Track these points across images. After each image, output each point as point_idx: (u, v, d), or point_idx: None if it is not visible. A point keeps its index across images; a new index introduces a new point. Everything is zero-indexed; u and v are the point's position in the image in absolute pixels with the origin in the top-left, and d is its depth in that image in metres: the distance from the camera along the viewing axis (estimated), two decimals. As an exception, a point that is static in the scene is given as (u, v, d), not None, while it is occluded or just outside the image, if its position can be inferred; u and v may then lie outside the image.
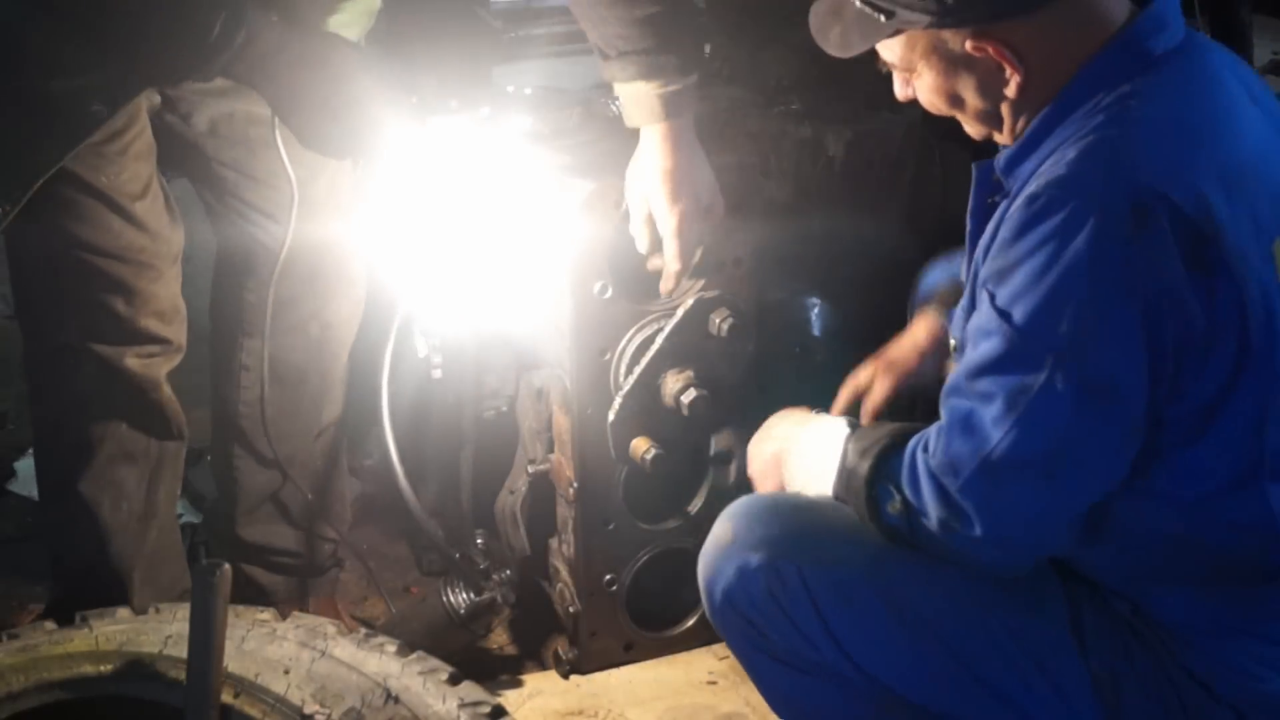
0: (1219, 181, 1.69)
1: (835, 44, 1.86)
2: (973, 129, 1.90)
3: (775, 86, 2.78)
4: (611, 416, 2.43)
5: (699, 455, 2.54)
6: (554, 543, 2.60)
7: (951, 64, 1.80)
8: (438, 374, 2.51)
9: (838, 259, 2.69)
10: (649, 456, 2.42)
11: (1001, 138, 1.88)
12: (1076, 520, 1.77)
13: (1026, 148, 1.81)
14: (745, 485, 2.19)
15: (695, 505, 2.56)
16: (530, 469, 2.54)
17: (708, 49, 2.96)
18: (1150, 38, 1.78)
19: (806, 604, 1.89)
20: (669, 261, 2.30)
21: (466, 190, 2.33)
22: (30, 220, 2.18)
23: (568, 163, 2.38)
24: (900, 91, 1.90)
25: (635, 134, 2.28)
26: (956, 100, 1.85)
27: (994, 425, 1.71)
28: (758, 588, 1.91)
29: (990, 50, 1.76)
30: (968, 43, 1.76)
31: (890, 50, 1.84)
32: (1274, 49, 4.47)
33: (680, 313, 2.40)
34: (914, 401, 2.22)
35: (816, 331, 2.75)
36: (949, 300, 2.12)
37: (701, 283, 2.42)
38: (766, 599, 1.91)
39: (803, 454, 2.00)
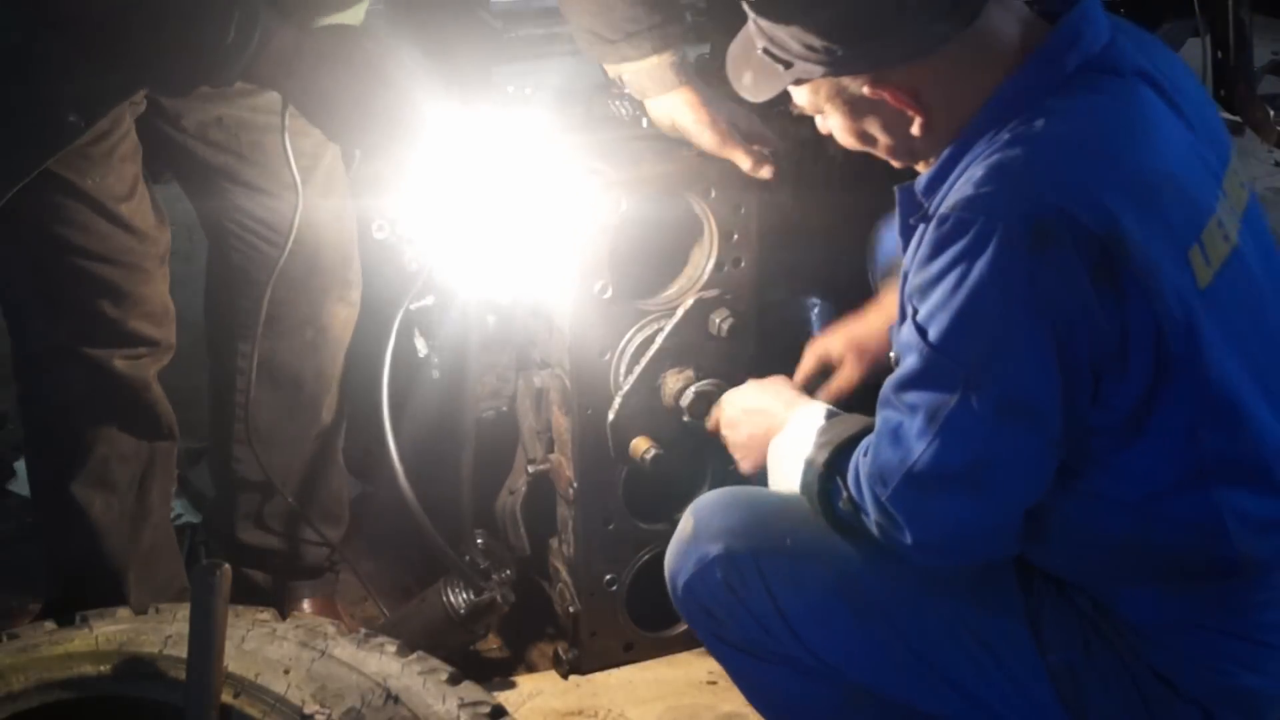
0: (1127, 195, 1.70)
1: (748, 89, 1.93)
2: (892, 162, 1.95)
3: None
4: (611, 416, 2.43)
5: (699, 455, 2.53)
6: (554, 543, 2.60)
7: (855, 107, 1.85)
8: (436, 374, 2.51)
9: (838, 259, 2.68)
10: (649, 456, 2.42)
11: (921, 166, 1.91)
12: (1006, 529, 1.80)
13: (942, 171, 1.83)
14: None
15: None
16: (530, 469, 2.53)
17: (708, 49, 2.97)
18: (1063, 54, 1.79)
19: (762, 594, 1.94)
20: (744, 162, 2.32)
21: (474, 185, 2.33)
22: (17, 224, 2.17)
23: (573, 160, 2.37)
24: (821, 129, 1.96)
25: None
26: (868, 138, 1.90)
27: (917, 438, 1.74)
28: (715, 579, 1.96)
29: (887, 96, 1.80)
30: (865, 88, 1.81)
31: (799, 95, 1.90)
32: (1274, 49, 4.47)
33: (680, 313, 2.40)
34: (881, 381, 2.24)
35: (816, 331, 2.75)
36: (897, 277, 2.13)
37: (702, 282, 2.42)
38: (723, 590, 1.96)
39: (783, 441, 2.04)
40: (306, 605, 2.68)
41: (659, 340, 2.40)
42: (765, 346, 2.52)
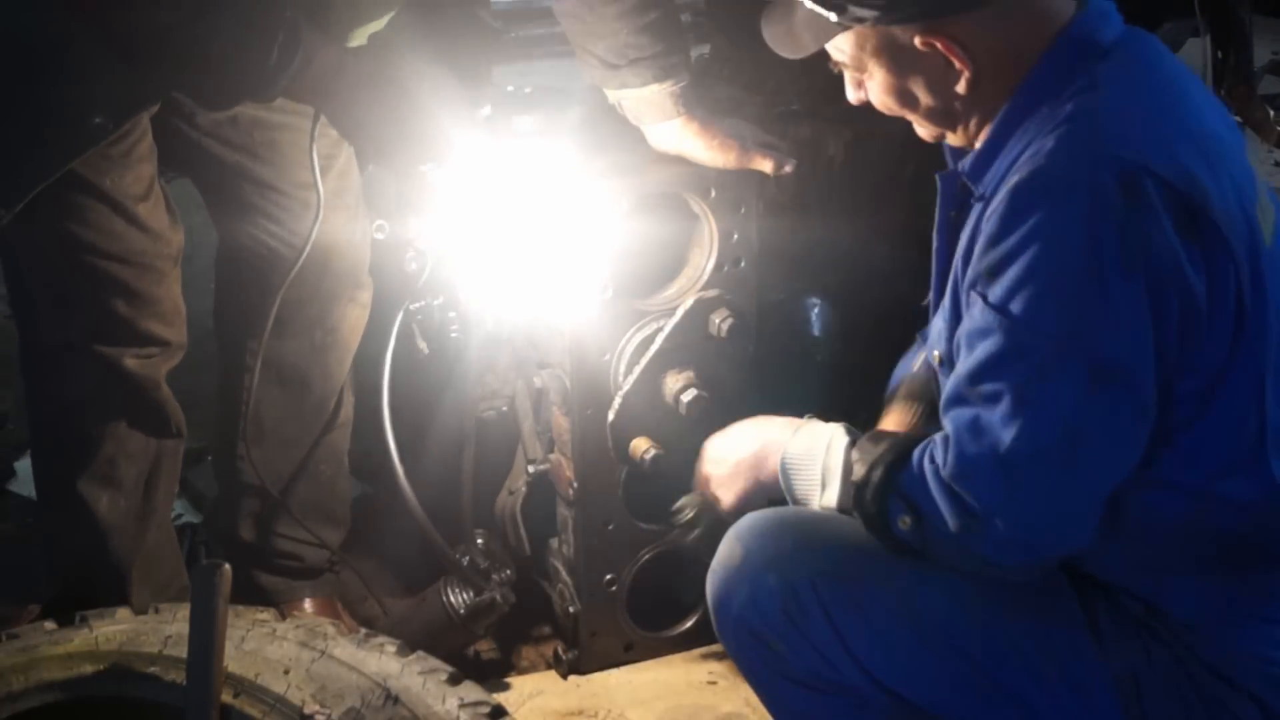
0: (1197, 153, 1.71)
1: (788, 46, 1.89)
2: (925, 129, 1.92)
3: (775, 86, 2.79)
4: (611, 416, 2.43)
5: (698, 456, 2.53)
6: (554, 543, 2.60)
7: (901, 61, 1.82)
8: (423, 346, 2.51)
9: (838, 259, 2.69)
10: (649, 456, 2.42)
11: (955, 138, 1.89)
12: (1098, 509, 1.76)
13: (993, 148, 1.82)
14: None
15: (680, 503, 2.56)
16: (530, 469, 2.54)
17: (708, 49, 2.97)
18: (1097, 30, 1.80)
19: (822, 622, 1.87)
20: (767, 165, 2.34)
21: (483, 189, 2.34)
22: (32, 222, 2.17)
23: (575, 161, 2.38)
24: (852, 94, 1.92)
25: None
26: (908, 98, 1.86)
27: (1004, 424, 1.71)
28: (772, 607, 1.89)
29: (939, 45, 1.77)
30: (916, 38, 1.78)
31: (841, 50, 1.86)
32: (1274, 49, 4.48)
33: (680, 313, 2.40)
34: None
35: (816, 331, 2.75)
36: (915, 391, 2.12)
37: (702, 282, 2.42)
38: (782, 619, 1.89)
39: (800, 458, 1.97)
40: (307, 605, 2.68)
41: (659, 340, 2.40)
42: (765, 346, 2.53)
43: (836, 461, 1.91)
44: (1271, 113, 3.55)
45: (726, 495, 2.09)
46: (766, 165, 2.34)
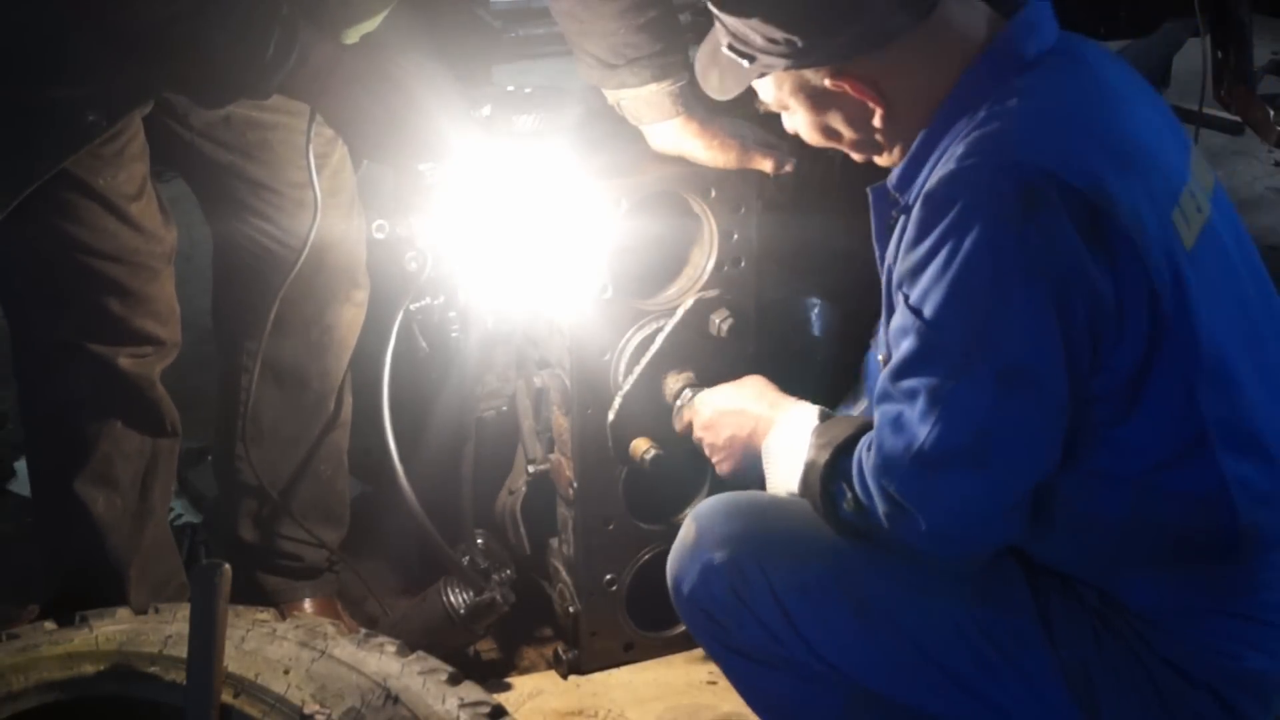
0: (1108, 158, 1.73)
1: (714, 87, 1.99)
2: (854, 156, 1.97)
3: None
4: (611, 416, 2.43)
5: (699, 456, 2.53)
6: (554, 543, 2.60)
7: (817, 101, 1.88)
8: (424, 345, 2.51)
9: (838, 259, 2.68)
10: (649, 456, 2.42)
11: (883, 160, 1.94)
12: (1018, 507, 1.79)
13: (915, 161, 1.85)
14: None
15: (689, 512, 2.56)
16: (530, 469, 2.54)
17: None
18: (1021, 43, 1.82)
19: (769, 600, 1.93)
20: (767, 165, 2.35)
21: (483, 189, 2.34)
22: (26, 221, 2.17)
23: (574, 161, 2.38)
24: (788, 125, 1.98)
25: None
26: (831, 133, 1.93)
27: (919, 422, 1.74)
28: (721, 585, 1.95)
29: (848, 87, 1.83)
30: (827, 80, 1.83)
31: (764, 91, 1.93)
32: (1274, 49, 4.48)
33: (680, 313, 2.40)
34: None
35: (816, 331, 2.75)
36: None
37: (702, 282, 2.42)
38: (730, 596, 1.95)
39: (777, 444, 2.03)
40: (307, 605, 2.68)
41: (659, 340, 2.40)
42: (765, 346, 2.53)
43: (803, 447, 1.95)
44: (1271, 113, 3.55)
45: (724, 466, 2.16)
46: (766, 165, 2.34)
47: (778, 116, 2.00)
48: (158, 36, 1.90)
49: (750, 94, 1.98)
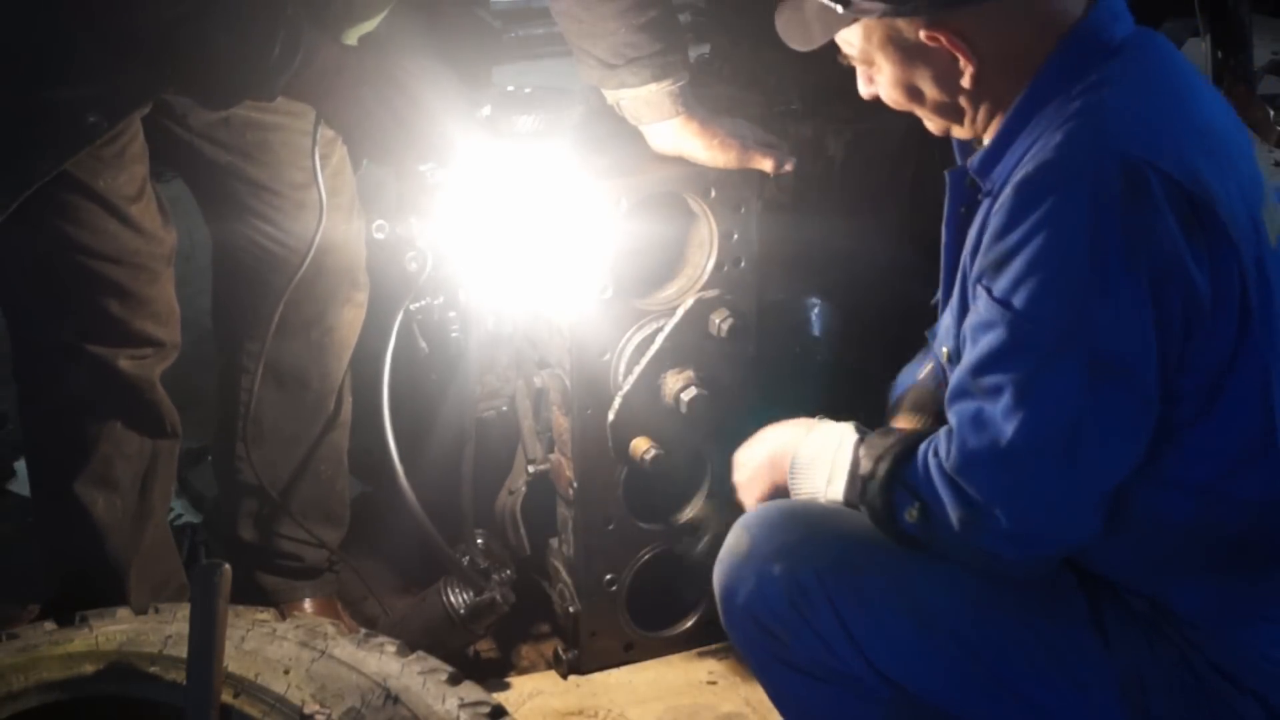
0: (1202, 151, 1.71)
1: (798, 37, 1.90)
2: (932, 123, 1.92)
3: (775, 86, 2.78)
4: (611, 416, 2.43)
5: (698, 456, 2.54)
6: (554, 543, 2.60)
7: (907, 55, 1.83)
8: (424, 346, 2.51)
9: (838, 259, 2.69)
10: (649, 456, 2.42)
11: (961, 131, 1.90)
12: (1101, 505, 1.76)
13: (1001, 144, 1.82)
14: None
15: (688, 513, 2.56)
16: (530, 469, 2.53)
17: (707, 49, 2.97)
18: (1108, 28, 1.80)
19: (827, 610, 1.88)
20: (767, 164, 2.34)
21: (484, 189, 2.35)
22: (25, 223, 2.17)
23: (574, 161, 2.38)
24: (863, 89, 1.93)
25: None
26: (915, 93, 1.87)
27: (1005, 417, 1.71)
28: (778, 596, 1.90)
29: (943, 40, 1.78)
30: (921, 32, 1.79)
31: (850, 43, 1.87)
32: (1274, 49, 4.48)
33: (680, 313, 2.40)
34: None
35: (816, 331, 2.75)
36: (921, 403, 2.11)
37: (702, 282, 2.42)
38: (787, 607, 1.90)
39: (809, 457, 1.99)
40: (307, 605, 2.68)
41: (659, 340, 2.40)
42: (765, 346, 2.53)
43: (845, 458, 1.92)
44: (1271, 113, 3.55)
45: (747, 499, 2.10)
46: (766, 164, 2.34)
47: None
48: (162, 38, 1.90)
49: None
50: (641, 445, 2.43)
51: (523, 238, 2.37)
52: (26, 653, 2.09)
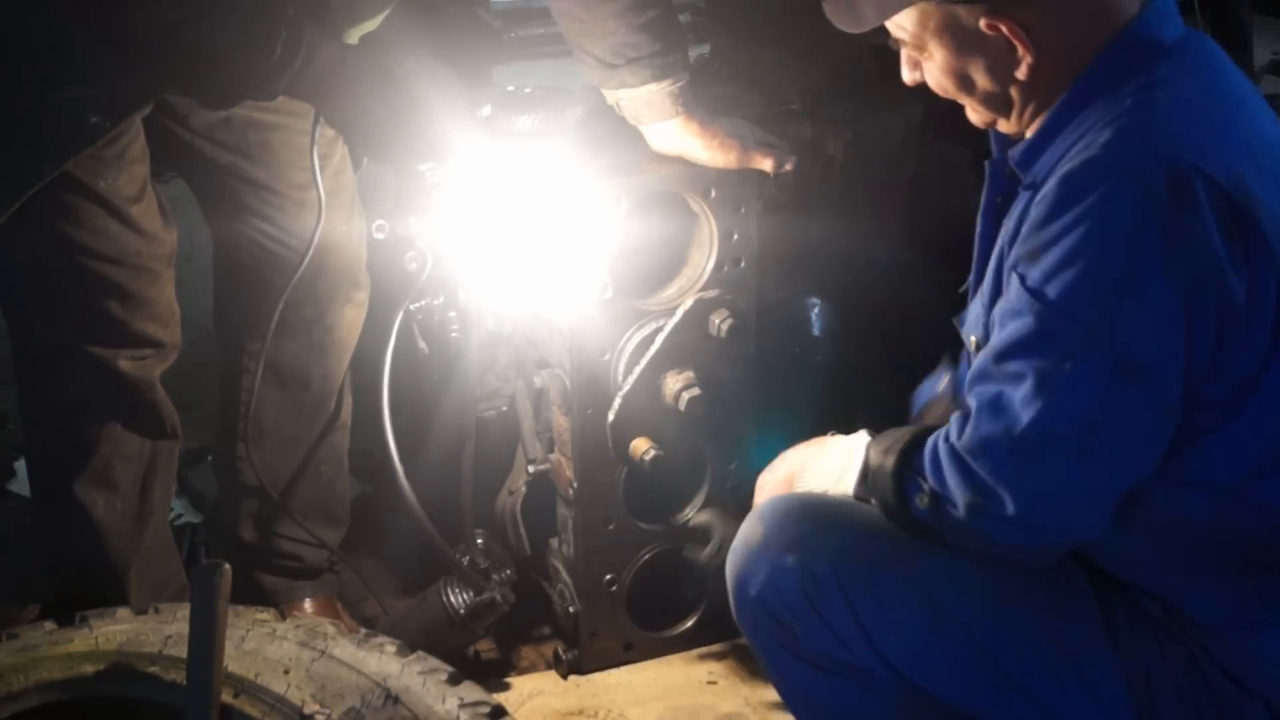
0: (1248, 158, 1.71)
1: (848, 19, 1.87)
2: (978, 114, 1.91)
3: (775, 86, 2.78)
4: (611, 416, 2.43)
5: (698, 456, 2.54)
6: (554, 543, 2.60)
7: (963, 42, 1.81)
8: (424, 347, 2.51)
9: (838, 259, 2.68)
10: (649, 456, 2.42)
11: (1006, 125, 1.89)
12: (1108, 503, 1.76)
13: (1046, 137, 1.81)
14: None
15: (689, 514, 2.56)
16: (530, 469, 2.53)
17: (708, 49, 2.97)
18: (1159, 28, 1.80)
19: (840, 601, 1.88)
20: (767, 164, 2.34)
21: (484, 189, 2.34)
22: (26, 224, 2.17)
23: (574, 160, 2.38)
24: (907, 75, 1.91)
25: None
26: (966, 82, 1.85)
27: (1024, 405, 1.71)
28: (790, 587, 1.90)
29: (1004, 29, 1.77)
30: (981, 20, 1.77)
31: (902, 27, 1.85)
32: (1274, 49, 4.48)
33: (680, 313, 2.40)
34: None
35: (816, 331, 2.75)
36: (934, 416, 2.12)
37: (702, 282, 2.42)
38: (800, 598, 1.90)
39: (822, 464, 2.00)
40: (307, 605, 2.68)
41: (659, 340, 2.40)
42: (765, 346, 2.53)
43: (857, 457, 1.93)
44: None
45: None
46: (766, 164, 2.34)
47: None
48: (164, 38, 1.90)
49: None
50: (641, 445, 2.43)
51: (523, 238, 2.37)
52: (26, 653, 2.09)
